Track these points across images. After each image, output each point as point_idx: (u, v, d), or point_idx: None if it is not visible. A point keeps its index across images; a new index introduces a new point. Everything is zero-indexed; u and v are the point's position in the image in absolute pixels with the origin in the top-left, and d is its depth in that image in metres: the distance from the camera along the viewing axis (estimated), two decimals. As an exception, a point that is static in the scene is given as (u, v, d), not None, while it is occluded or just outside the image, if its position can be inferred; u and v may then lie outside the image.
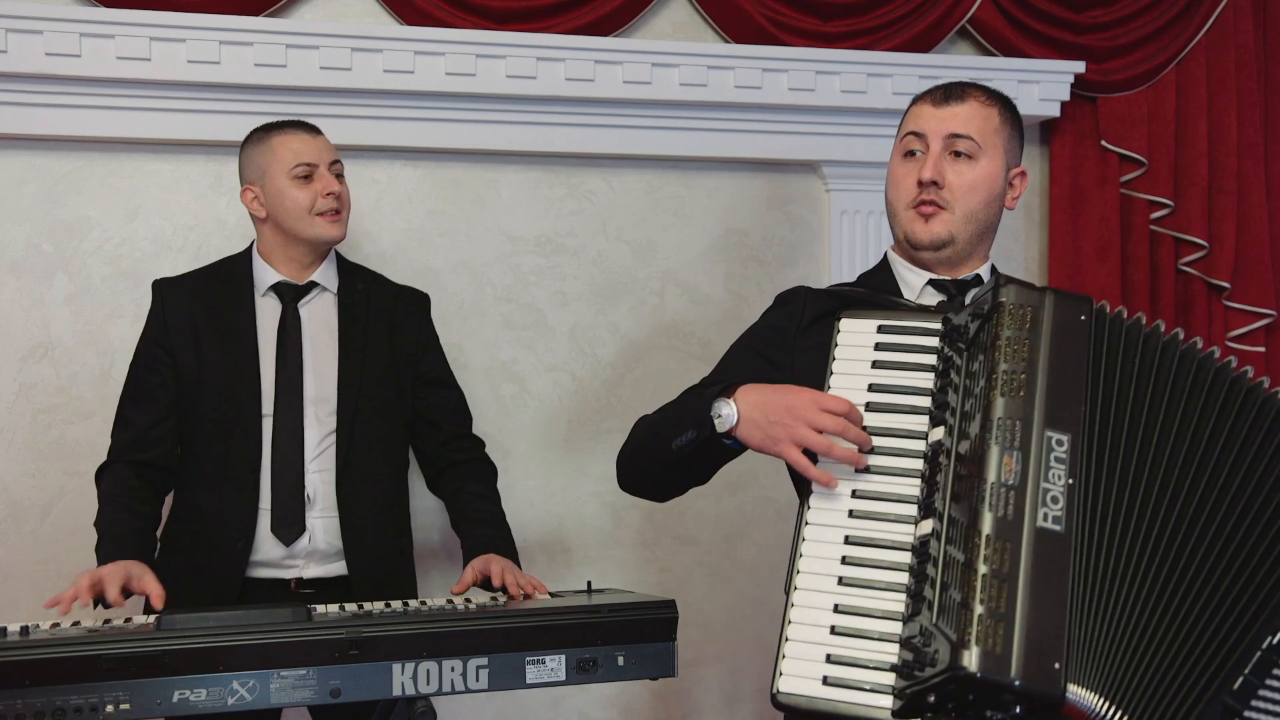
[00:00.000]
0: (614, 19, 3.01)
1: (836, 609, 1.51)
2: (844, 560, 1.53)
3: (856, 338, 1.66)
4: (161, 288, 2.40)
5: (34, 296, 2.80)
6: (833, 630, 1.49)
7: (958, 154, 1.79)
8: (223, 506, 2.27)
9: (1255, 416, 1.51)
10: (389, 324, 2.42)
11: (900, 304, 1.77)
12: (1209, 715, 1.40)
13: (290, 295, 2.37)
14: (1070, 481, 1.43)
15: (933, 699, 1.38)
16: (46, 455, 2.80)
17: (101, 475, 2.31)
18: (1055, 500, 1.42)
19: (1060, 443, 1.45)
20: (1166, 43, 3.29)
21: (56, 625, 1.85)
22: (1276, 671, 1.43)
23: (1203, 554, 1.45)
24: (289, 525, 2.27)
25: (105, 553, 2.12)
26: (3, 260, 2.78)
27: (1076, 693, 1.35)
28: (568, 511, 3.09)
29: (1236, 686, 1.41)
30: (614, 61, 2.93)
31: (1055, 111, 3.22)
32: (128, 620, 1.90)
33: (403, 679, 1.74)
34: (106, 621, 1.89)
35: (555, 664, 1.81)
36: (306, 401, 2.32)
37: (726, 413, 1.63)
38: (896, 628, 1.48)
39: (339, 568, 2.31)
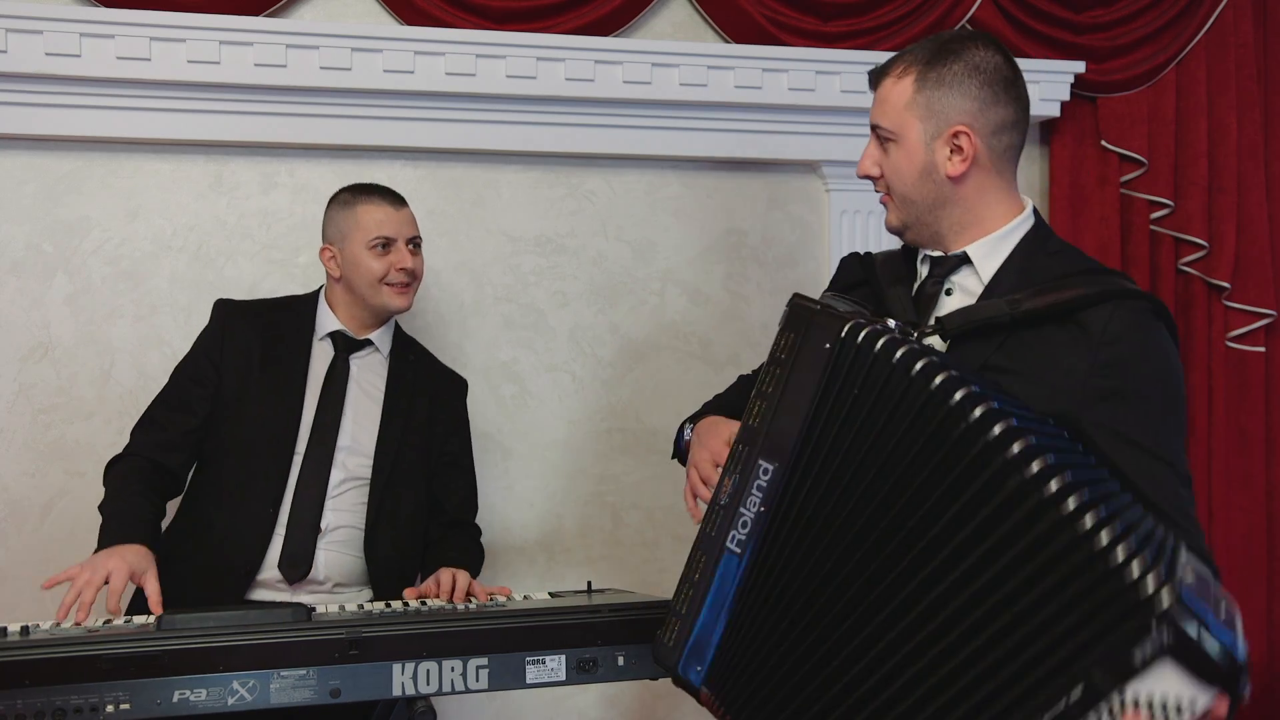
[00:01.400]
0: (614, 19, 3.01)
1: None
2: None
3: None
4: (227, 309, 2.44)
5: (34, 296, 2.80)
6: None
7: (882, 139, 1.74)
8: (235, 528, 2.28)
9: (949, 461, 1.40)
10: (430, 398, 2.47)
11: (877, 285, 1.79)
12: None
13: (344, 345, 2.42)
14: (762, 509, 1.54)
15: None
16: (46, 455, 2.80)
17: (114, 464, 2.32)
18: (745, 525, 1.56)
19: (766, 471, 1.55)
20: (1166, 43, 3.29)
21: (57, 625, 1.85)
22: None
23: (853, 591, 1.47)
24: (296, 564, 2.28)
25: (111, 535, 2.11)
26: (3, 260, 2.78)
27: (707, 691, 1.62)
28: (568, 511, 3.09)
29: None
30: (614, 61, 2.93)
31: (1055, 111, 3.22)
32: (128, 620, 1.90)
33: (403, 679, 1.74)
34: (106, 621, 1.90)
35: (555, 664, 1.81)
36: (339, 448, 2.35)
37: (682, 444, 1.90)
38: None
39: (344, 596, 2.33)
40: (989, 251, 1.70)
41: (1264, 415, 3.34)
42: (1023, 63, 3.10)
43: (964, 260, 1.71)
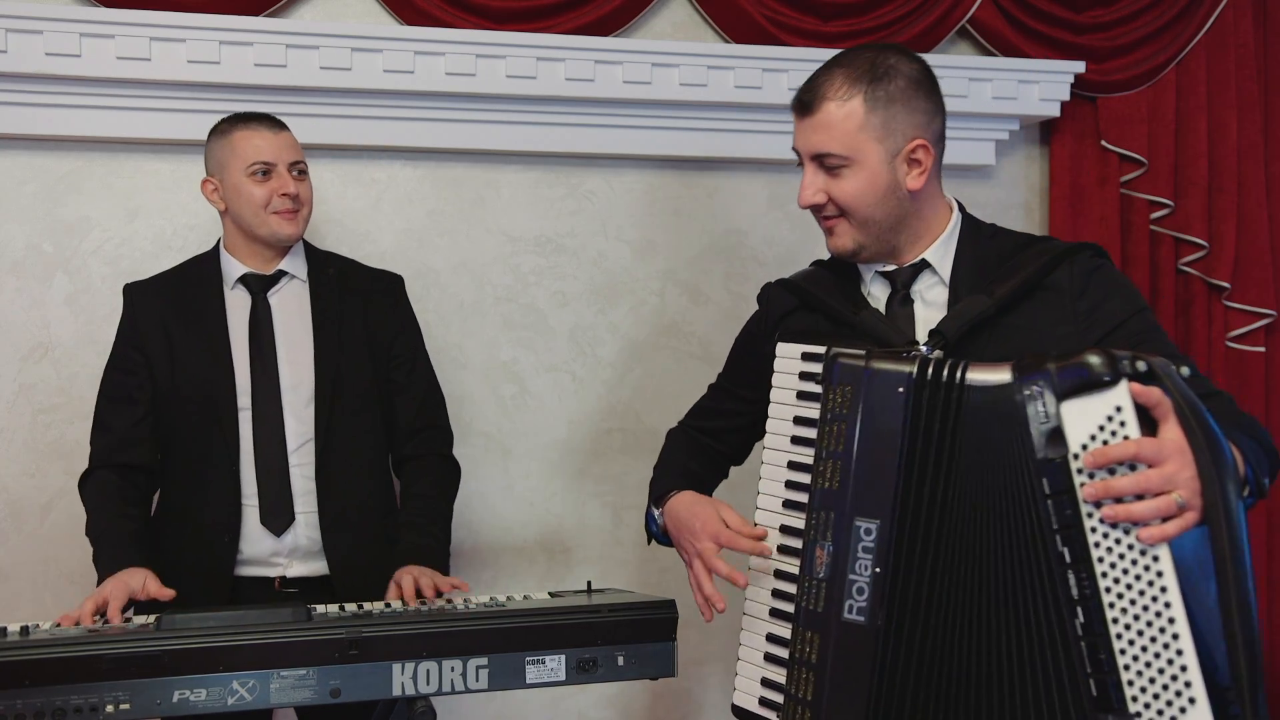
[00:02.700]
0: (614, 19, 3.01)
1: (769, 638, 1.63)
2: (774, 594, 1.65)
3: (787, 364, 1.67)
4: (131, 292, 2.40)
5: (34, 296, 2.80)
6: (765, 658, 1.62)
7: (829, 168, 1.70)
8: (206, 504, 2.27)
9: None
10: (362, 308, 2.39)
11: (835, 313, 1.77)
12: None
13: (259, 286, 2.36)
14: (877, 570, 1.49)
15: None
16: (46, 455, 2.80)
17: (85, 483, 2.30)
18: (861, 591, 1.50)
19: (869, 531, 1.50)
20: (1166, 43, 3.29)
21: (57, 625, 1.85)
22: (1118, 649, 1.38)
23: (980, 638, 1.46)
24: (278, 515, 2.26)
25: (104, 563, 2.11)
26: (3, 260, 2.78)
27: None
28: (568, 511, 3.09)
29: (1096, 692, 1.40)
30: (614, 61, 2.93)
31: (1055, 111, 3.22)
32: (128, 620, 1.90)
33: (403, 679, 1.74)
34: (107, 621, 1.90)
35: (555, 664, 1.81)
36: (284, 390, 2.30)
37: (656, 527, 1.91)
38: None
39: (322, 566, 2.30)
40: (943, 253, 1.75)
41: (1264, 415, 3.34)
42: (1023, 63, 3.16)
43: (922, 266, 1.75)
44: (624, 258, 3.12)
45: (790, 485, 1.64)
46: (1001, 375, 1.45)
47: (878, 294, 1.79)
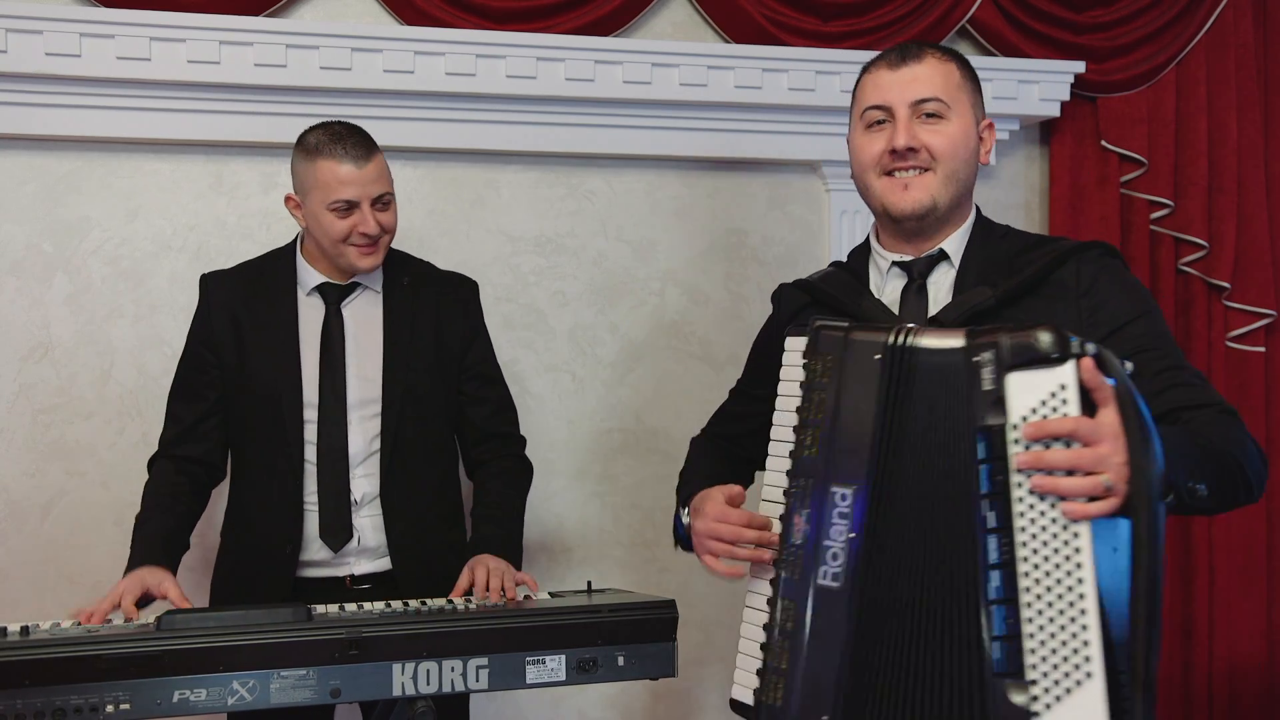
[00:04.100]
0: (614, 19, 3.01)
1: (764, 627, 1.61)
2: (771, 583, 1.63)
3: (793, 356, 1.67)
4: (207, 284, 2.38)
5: (34, 296, 2.80)
6: (761, 647, 1.59)
7: (929, 115, 1.72)
8: (269, 510, 2.27)
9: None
10: (435, 316, 2.37)
11: (841, 305, 1.77)
12: (986, 703, 1.40)
13: (334, 296, 2.33)
14: (851, 535, 1.50)
15: None
16: (46, 455, 2.80)
17: (150, 466, 2.32)
18: (835, 557, 1.51)
19: (844, 497, 1.51)
20: (1166, 43, 3.29)
21: (57, 625, 1.85)
22: (1024, 617, 1.38)
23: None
24: (335, 532, 2.25)
25: (133, 555, 2.12)
26: (3, 260, 2.78)
27: None
28: (568, 511, 3.09)
29: (997, 654, 1.40)
30: (614, 61, 2.93)
31: (1055, 111, 3.22)
32: (128, 620, 1.90)
33: (403, 679, 1.74)
34: (107, 621, 1.90)
35: (555, 664, 1.81)
36: (350, 406, 2.28)
37: (683, 529, 1.83)
38: None
39: (385, 563, 2.29)
40: (958, 245, 1.76)
41: (1264, 415, 3.34)
42: (1023, 63, 3.16)
43: (940, 257, 1.76)
44: (624, 258, 3.12)
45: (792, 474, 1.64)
46: (955, 341, 1.48)
47: (894, 284, 1.79)
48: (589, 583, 2.15)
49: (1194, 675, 3.29)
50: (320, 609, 1.89)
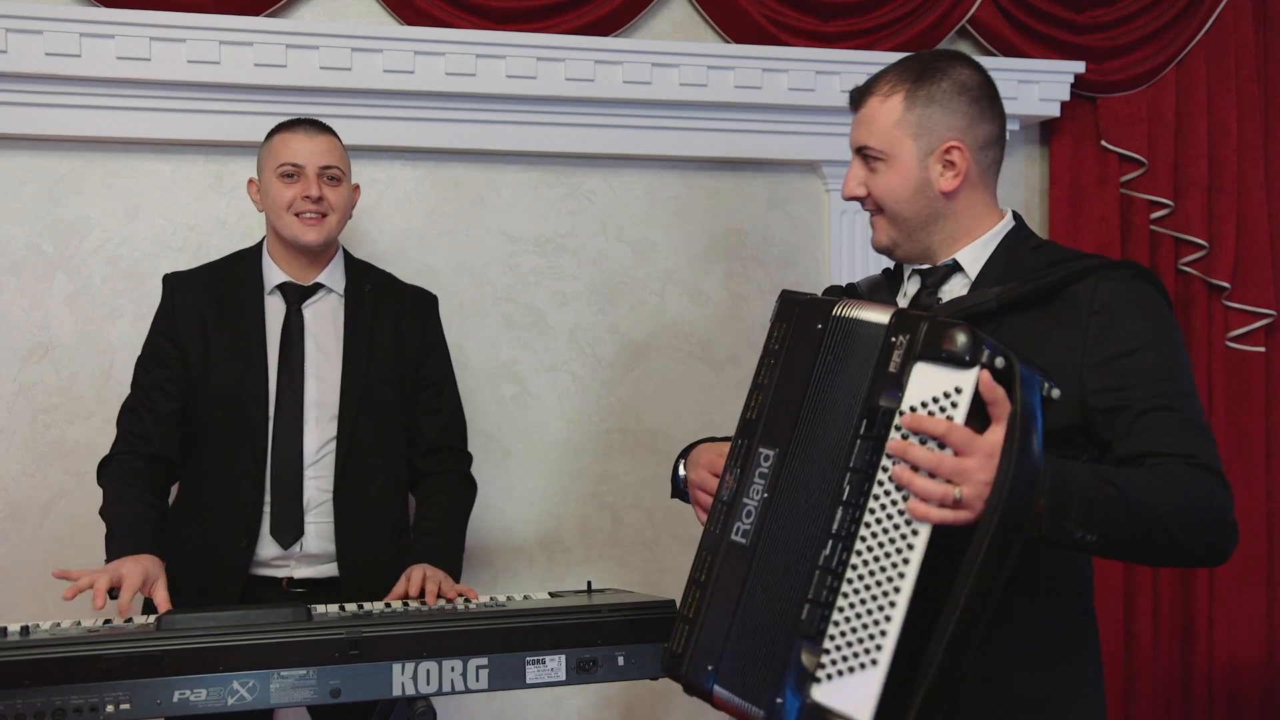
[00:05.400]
0: (614, 19, 3.01)
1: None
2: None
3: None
4: (172, 283, 2.40)
5: (34, 296, 2.80)
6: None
7: (870, 159, 1.73)
8: (228, 505, 2.28)
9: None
10: (395, 326, 2.41)
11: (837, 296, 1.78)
12: (787, 661, 1.44)
13: (295, 296, 2.36)
14: (766, 495, 1.54)
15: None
16: (46, 455, 2.80)
17: (105, 467, 2.31)
18: (749, 515, 1.55)
19: (767, 458, 1.55)
20: (1166, 43, 3.29)
21: (57, 625, 1.85)
22: (841, 590, 1.41)
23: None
24: (287, 529, 2.27)
25: (120, 545, 2.11)
26: (3, 260, 2.78)
27: (720, 690, 1.54)
28: (568, 511, 3.09)
29: (804, 616, 1.44)
30: (614, 61, 2.93)
31: (1055, 111, 3.22)
32: (128, 620, 1.90)
33: (403, 679, 1.74)
34: (106, 621, 1.90)
35: (555, 664, 1.81)
36: (307, 406, 2.31)
37: (680, 479, 1.85)
38: None
39: (331, 569, 2.32)
40: (977, 255, 1.73)
41: (1264, 415, 3.34)
42: (1023, 63, 3.16)
43: (954, 268, 1.74)
44: (624, 258, 3.12)
45: None
46: (881, 316, 1.50)
47: (910, 292, 1.79)
48: (589, 583, 2.15)
49: (1194, 675, 3.29)
50: (320, 609, 1.89)
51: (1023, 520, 1.38)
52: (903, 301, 1.79)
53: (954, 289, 1.74)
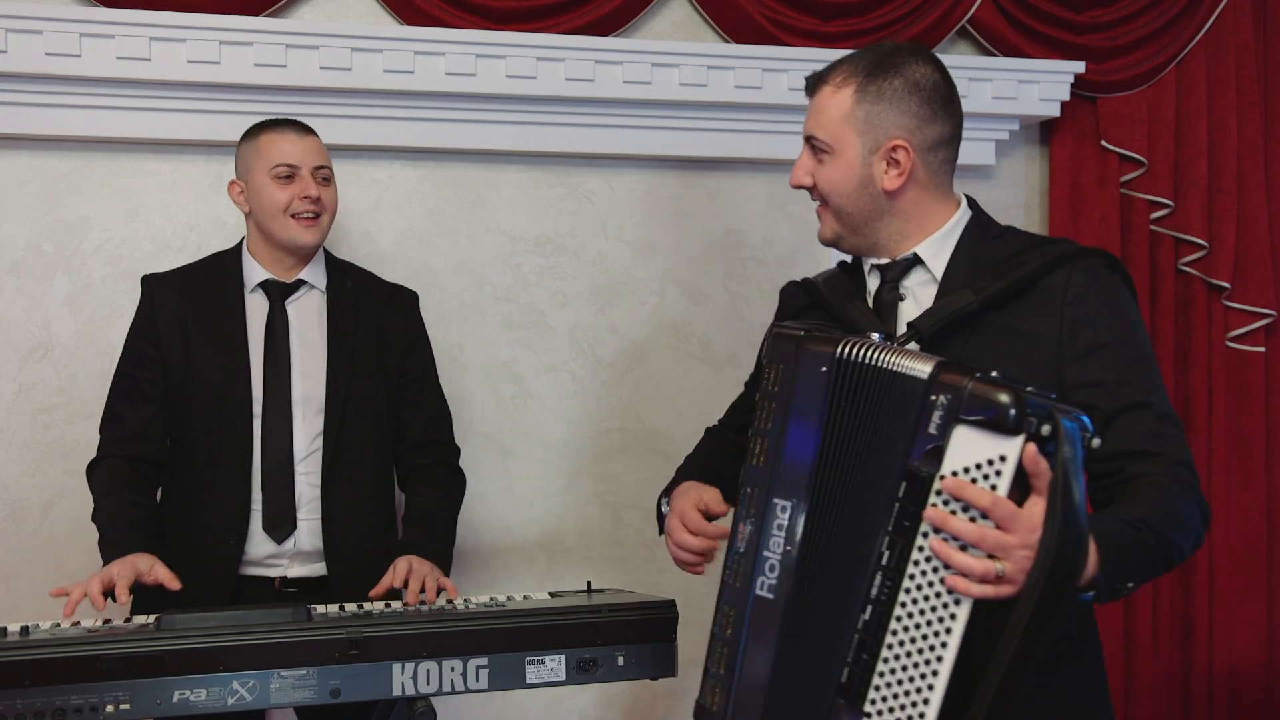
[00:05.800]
0: (614, 19, 3.01)
1: (710, 634, 1.64)
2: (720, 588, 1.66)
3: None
4: (150, 284, 2.40)
5: (34, 296, 2.80)
6: (707, 653, 1.63)
7: (816, 149, 1.72)
8: (216, 504, 2.28)
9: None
10: (377, 322, 2.42)
11: (830, 306, 1.77)
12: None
13: (277, 293, 2.37)
14: (788, 549, 1.51)
15: None
16: (46, 455, 2.80)
17: (92, 471, 2.32)
18: (773, 569, 1.52)
19: (784, 509, 1.52)
20: (1166, 43, 3.29)
21: (57, 625, 1.85)
22: (881, 655, 1.42)
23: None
24: (280, 525, 2.28)
25: (112, 546, 2.12)
26: (3, 260, 2.78)
27: None
28: (568, 511, 3.08)
29: (844, 679, 1.44)
30: (614, 61, 2.93)
31: (1055, 111, 3.22)
32: (128, 620, 1.90)
33: (403, 679, 1.75)
34: (106, 621, 1.90)
35: (555, 664, 1.81)
36: (294, 402, 2.32)
37: (663, 514, 1.86)
38: None
39: (321, 568, 2.32)
40: (937, 249, 1.71)
41: (1264, 415, 3.34)
42: (1023, 63, 3.16)
43: (915, 261, 1.72)
44: (624, 258, 3.12)
45: None
46: (921, 369, 1.44)
47: (872, 288, 1.77)
48: (589, 583, 2.15)
49: (1194, 675, 3.28)
50: (320, 609, 1.89)
51: (1066, 589, 1.37)
52: (870, 297, 1.76)
53: (914, 283, 1.72)
